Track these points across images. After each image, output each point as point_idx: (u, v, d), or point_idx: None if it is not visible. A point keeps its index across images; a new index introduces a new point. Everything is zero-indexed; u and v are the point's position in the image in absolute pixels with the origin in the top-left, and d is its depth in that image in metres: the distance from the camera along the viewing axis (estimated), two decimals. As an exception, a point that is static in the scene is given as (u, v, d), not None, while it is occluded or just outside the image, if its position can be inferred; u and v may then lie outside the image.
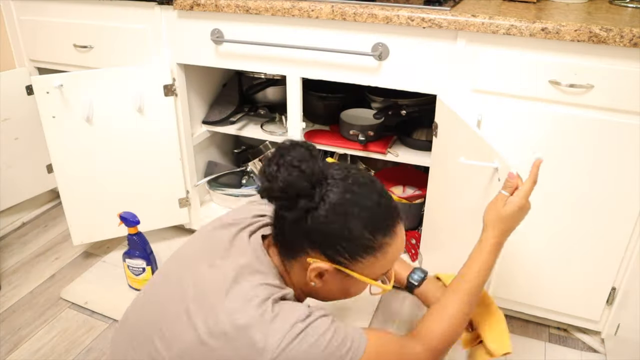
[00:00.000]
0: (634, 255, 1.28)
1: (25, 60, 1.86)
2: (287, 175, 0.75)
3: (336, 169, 0.81)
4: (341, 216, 0.77)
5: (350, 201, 0.77)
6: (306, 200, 0.76)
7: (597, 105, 1.17)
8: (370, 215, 0.78)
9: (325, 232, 0.77)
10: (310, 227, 0.78)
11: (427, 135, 1.64)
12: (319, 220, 0.77)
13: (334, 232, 0.77)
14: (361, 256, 0.80)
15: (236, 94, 1.85)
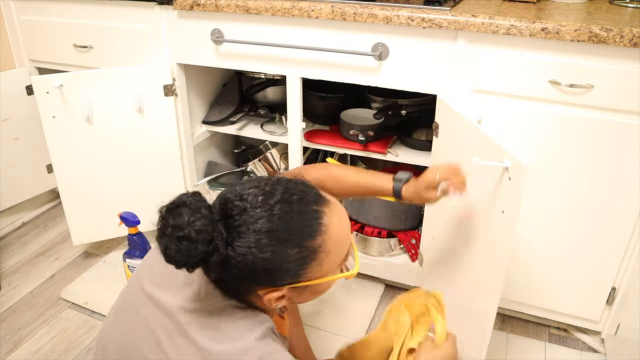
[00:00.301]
0: (634, 255, 1.28)
1: (25, 60, 1.86)
2: (178, 249, 0.69)
3: (230, 198, 0.74)
4: (258, 253, 0.71)
5: (255, 233, 0.71)
6: (214, 256, 0.70)
7: (597, 105, 1.17)
8: (284, 234, 0.71)
9: (253, 271, 0.72)
10: (237, 274, 0.72)
11: (427, 135, 1.64)
12: (239, 265, 0.71)
13: (260, 267, 0.71)
14: (303, 268, 0.74)
15: (236, 94, 1.85)
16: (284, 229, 0.71)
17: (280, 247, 0.71)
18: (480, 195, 1.15)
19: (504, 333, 1.51)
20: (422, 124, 1.66)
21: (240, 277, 0.73)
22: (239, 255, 0.71)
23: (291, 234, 0.71)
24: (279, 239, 0.71)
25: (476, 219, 1.16)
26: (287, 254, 0.72)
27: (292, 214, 0.72)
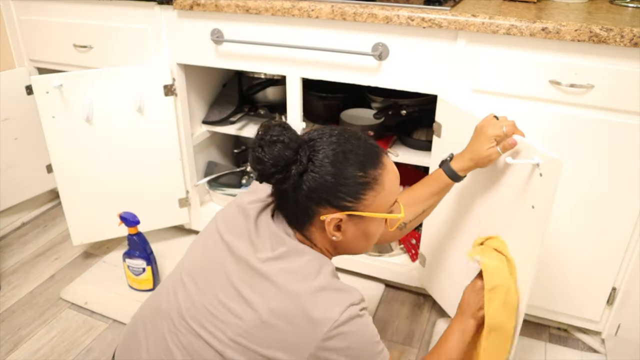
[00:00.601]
0: (634, 255, 1.28)
1: (25, 60, 1.86)
2: (271, 151, 0.82)
3: (312, 132, 0.89)
4: (330, 167, 0.83)
5: (332, 151, 0.84)
6: (296, 165, 0.83)
7: (597, 105, 1.17)
8: (354, 156, 0.85)
9: (323, 186, 0.84)
10: (309, 188, 0.84)
11: (427, 135, 1.64)
12: (313, 178, 0.83)
13: (330, 183, 0.84)
14: (362, 194, 0.85)
15: (236, 94, 1.85)
16: (355, 154, 0.85)
17: (348, 165, 0.84)
18: (505, 193, 1.13)
19: (504, 333, 1.51)
20: (422, 124, 1.66)
21: (308, 195, 0.84)
22: (315, 168, 0.83)
23: (358, 157, 0.85)
24: (348, 158, 0.84)
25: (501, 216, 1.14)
26: (353, 173, 0.84)
27: (362, 146, 0.87)
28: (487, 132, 1.04)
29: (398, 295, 1.66)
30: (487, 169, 1.14)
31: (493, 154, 1.04)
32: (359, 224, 0.89)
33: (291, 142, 0.83)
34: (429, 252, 1.49)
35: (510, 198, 1.11)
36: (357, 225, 0.89)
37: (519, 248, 1.10)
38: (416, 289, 1.65)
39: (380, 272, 1.64)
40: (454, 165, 1.09)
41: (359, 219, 0.88)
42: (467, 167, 1.09)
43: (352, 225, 0.88)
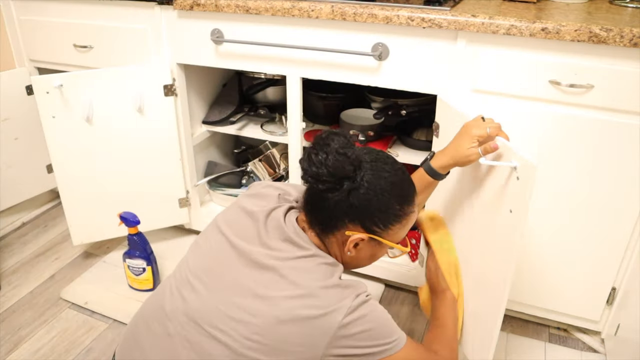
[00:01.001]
0: (634, 255, 1.28)
1: (25, 60, 1.86)
2: (334, 161, 0.86)
3: (366, 152, 0.93)
4: (377, 193, 0.90)
5: (384, 179, 0.90)
6: (350, 182, 0.89)
7: (597, 105, 1.17)
8: (398, 190, 0.92)
9: (365, 207, 0.90)
10: (352, 204, 0.89)
11: (427, 135, 1.64)
12: (359, 198, 0.89)
13: (371, 207, 0.90)
14: (392, 224, 0.93)
15: (236, 94, 1.85)
16: (399, 188, 0.92)
17: (392, 198, 0.91)
18: (486, 195, 1.14)
19: (504, 333, 1.51)
20: (422, 124, 1.66)
21: (347, 210, 0.90)
22: (364, 189, 0.89)
23: (401, 193, 0.93)
24: (394, 193, 0.91)
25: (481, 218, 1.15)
26: (394, 206, 0.92)
27: (406, 181, 0.95)
28: (471, 131, 1.05)
29: (398, 295, 1.66)
30: (472, 172, 1.15)
31: (473, 154, 1.04)
32: (374, 247, 0.96)
33: (354, 159, 0.88)
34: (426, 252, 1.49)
35: (491, 201, 1.12)
36: (372, 248, 0.96)
37: (499, 251, 1.11)
38: (416, 289, 1.65)
39: (380, 272, 1.64)
40: (434, 164, 1.10)
41: (376, 243, 0.95)
42: (447, 164, 1.09)
43: (368, 247, 0.96)
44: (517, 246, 1.04)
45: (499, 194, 1.09)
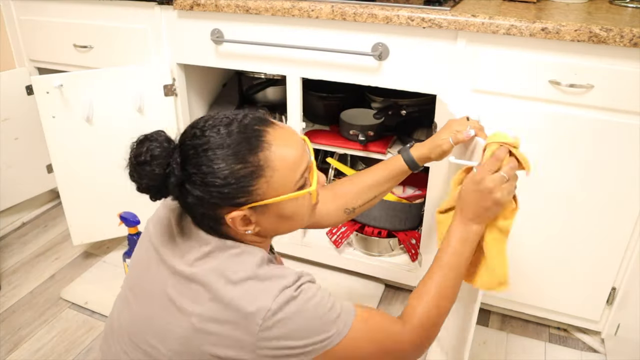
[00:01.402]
0: (634, 255, 1.28)
1: (25, 60, 1.86)
2: (141, 173, 0.80)
3: (187, 131, 0.82)
4: (206, 169, 0.77)
5: (204, 152, 0.78)
6: (171, 178, 0.78)
7: (597, 105, 1.17)
8: (224, 151, 0.77)
9: (209, 189, 0.77)
10: (197, 197, 0.79)
11: (427, 135, 1.64)
12: (195, 188, 0.78)
13: (213, 185, 0.77)
14: (252, 185, 0.78)
15: (236, 94, 1.85)
16: (226, 146, 0.77)
17: (225, 163, 0.77)
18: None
19: (504, 333, 1.51)
20: (422, 124, 1.66)
21: (200, 202, 0.79)
22: (192, 176, 0.78)
23: (233, 149, 0.77)
24: (223, 155, 0.77)
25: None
26: (233, 169, 0.77)
27: (233, 133, 0.78)
28: (451, 125, 1.06)
29: (398, 295, 1.66)
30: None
31: (445, 143, 1.04)
32: (267, 211, 0.81)
33: (158, 157, 0.79)
34: (426, 252, 1.49)
35: None
36: (266, 213, 0.81)
37: None
38: (416, 289, 1.65)
39: (380, 272, 1.64)
40: (413, 152, 1.10)
41: (264, 208, 0.80)
42: (423, 155, 1.08)
43: (261, 215, 0.81)
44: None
45: None
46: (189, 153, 0.78)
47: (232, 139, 0.78)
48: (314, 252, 1.72)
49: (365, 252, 1.68)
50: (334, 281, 1.71)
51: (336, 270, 1.75)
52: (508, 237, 0.93)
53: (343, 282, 1.71)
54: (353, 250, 1.70)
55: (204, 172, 0.77)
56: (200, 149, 0.78)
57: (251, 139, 0.78)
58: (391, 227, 1.62)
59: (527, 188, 1.31)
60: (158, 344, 0.81)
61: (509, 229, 0.92)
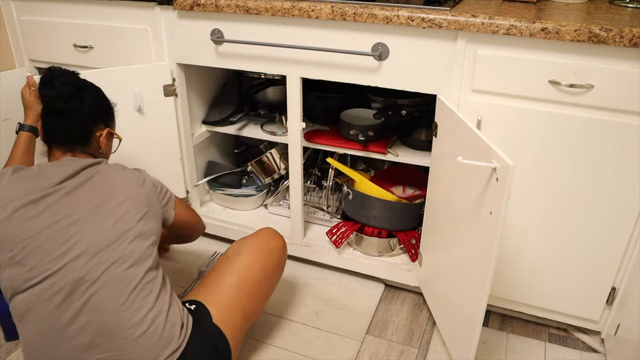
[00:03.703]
0: (634, 255, 1.28)
1: (25, 60, 1.86)
2: (69, 89, 1.19)
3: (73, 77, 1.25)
4: (99, 99, 1.26)
5: (96, 89, 1.26)
6: (79, 99, 1.19)
7: (597, 106, 1.17)
8: (103, 94, 1.29)
9: (100, 111, 1.24)
10: (89, 114, 1.21)
11: (427, 135, 1.64)
12: (89, 102, 1.21)
13: (104, 108, 1.26)
14: (113, 119, 1.30)
15: (236, 94, 1.85)
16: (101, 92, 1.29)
17: (106, 99, 1.28)
18: (472, 196, 1.15)
19: (504, 333, 1.51)
20: (422, 124, 1.66)
21: (90, 119, 1.22)
22: (89, 101, 1.22)
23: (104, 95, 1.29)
24: (104, 95, 1.29)
25: (469, 218, 1.16)
26: (109, 104, 1.29)
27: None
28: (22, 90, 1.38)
29: (398, 295, 1.66)
30: (458, 176, 1.19)
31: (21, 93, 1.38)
32: (109, 137, 1.28)
33: (75, 83, 1.23)
34: (426, 252, 1.50)
35: (472, 203, 1.13)
36: (109, 138, 1.27)
37: (480, 252, 1.13)
38: (416, 289, 1.65)
39: (380, 272, 1.64)
40: (28, 123, 1.36)
41: (110, 134, 1.27)
42: (31, 117, 1.35)
43: (108, 138, 1.27)
44: (497, 247, 1.05)
45: (480, 196, 1.10)
46: (89, 87, 1.28)
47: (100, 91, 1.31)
48: (314, 252, 1.72)
49: (365, 252, 1.68)
50: (334, 281, 1.72)
51: (336, 270, 1.75)
52: None
53: (343, 282, 1.71)
54: (353, 250, 1.70)
55: (99, 99, 1.29)
56: (88, 85, 1.28)
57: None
58: (391, 227, 1.62)
59: (527, 188, 1.32)
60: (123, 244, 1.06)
61: None
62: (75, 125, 1.19)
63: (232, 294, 1.23)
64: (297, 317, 1.57)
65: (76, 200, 1.06)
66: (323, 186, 1.81)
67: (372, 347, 1.46)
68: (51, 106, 1.18)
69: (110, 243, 1.04)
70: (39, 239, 1.00)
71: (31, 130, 1.36)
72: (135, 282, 1.03)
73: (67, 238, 1.01)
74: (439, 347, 1.46)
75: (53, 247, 1.00)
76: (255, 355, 1.42)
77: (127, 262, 1.04)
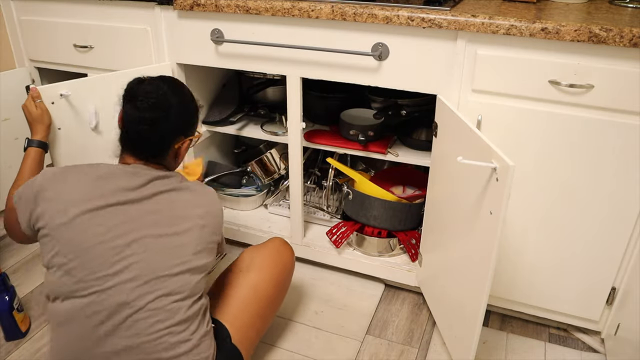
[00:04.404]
0: (634, 255, 1.28)
1: (25, 60, 1.86)
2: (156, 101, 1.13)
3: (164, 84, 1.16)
4: (189, 105, 1.19)
5: (185, 95, 1.20)
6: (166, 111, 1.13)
7: (597, 106, 1.17)
8: (192, 97, 1.23)
9: (183, 124, 1.17)
10: (172, 130, 1.14)
11: (427, 135, 1.64)
12: (174, 120, 1.14)
13: (188, 118, 1.19)
14: (196, 126, 1.23)
15: (236, 94, 1.85)
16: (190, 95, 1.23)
17: (195, 105, 1.23)
18: (472, 196, 1.15)
19: (504, 333, 1.51)
20: (422, 124, 1.66)
21: (172, 132, 1.15)
22: (173, 115, 1.14)
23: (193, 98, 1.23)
24: (193, 101, 1.23)
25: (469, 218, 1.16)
26: (198, 112, 1.24)
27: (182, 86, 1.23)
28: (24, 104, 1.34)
29: (398, 295, 1.66)
30: (458, 176, 1.19)
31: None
32: (187, 148, 1.23)
33: (162, 95, 1.14)
34: (426, 252, 1.50)
35: (472, 203, 1.14)
36: (186, 149, 1.22)
37: (480, 251, 1.13)
38: (416, 289, 1.65)
39: (380, 272, 1.64)
40: (37, 138, 1.34)
41: (189, 143, 1.22)
42: (40, 131, 1.34)
43: (186, 148, 1.22)
44: (497, 247, 1.05)
45: (480, 196, 1.10)
46: (177, 97, 1.19)
47: (185, 89, 1.25)
48: (314, 252, 1.72)
49: (365, 252, 1.68)
50: (334, 281, 1.71)
51: (336, 270, 1.75)
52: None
53: (343, 282, 1.71)
54: (353, 250, 1.70)
55: (185, 112, 1.21)
56: (182, 93, 1.23)
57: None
58: (391, 227, 1.62)
59: (527, 188, 1.32)
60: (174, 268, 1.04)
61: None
62: (155, 142, 1.13)
63: (248, 311, 1.23)
64: (297, 317, 1.57)
65: (139, 217, 1.03)
66: (323, 186, 1.81)
67: (372, 347, 1.46)
68: (133, 127, 1.11)
69: (164, 273, 1.01)
70: (93, 252, 0.98)
71: (40, 145, 1.33)
72: (179, 316, 1.02)
73: (122, 257, 0.99)
74: (439, 347, 1.46)
75: (105, 264, 0.98)
76: (255, 355, 1.42)
77: (176, 296, 1.02)
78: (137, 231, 1.01)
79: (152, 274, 1.00)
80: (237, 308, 1.22)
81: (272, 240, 1.42)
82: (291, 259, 1.40)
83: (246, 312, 1.22)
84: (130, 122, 1.11)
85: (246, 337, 1.20)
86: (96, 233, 0.99)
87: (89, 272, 0.98)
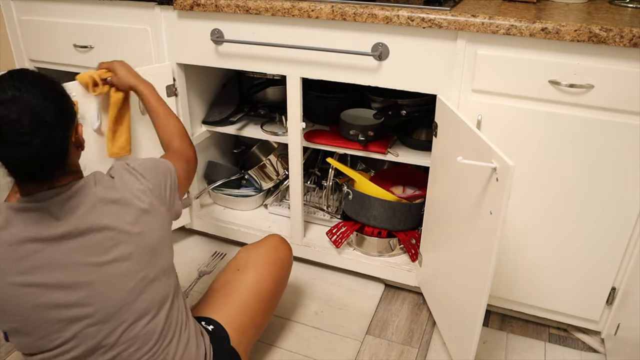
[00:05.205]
0: (634, 255, 1.28)
1: (25, 60, 1.86)
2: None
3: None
4: (60, 106, 0.91)
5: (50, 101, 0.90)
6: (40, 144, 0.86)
7: (597, 106, 1.17)
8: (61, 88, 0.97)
9: (67, 120, 0.92)
10: (61, 138, 0.90)
11: (427, 135, 1.64)
12: (60, 131, 0.90)
13: (68, 111, 0.93)
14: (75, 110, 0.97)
15: (236, 94, 1.85)
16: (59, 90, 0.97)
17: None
18: (472, 196, 1.15)
19: (504, 333, 1.51)
20: (422, 124, 1.66)
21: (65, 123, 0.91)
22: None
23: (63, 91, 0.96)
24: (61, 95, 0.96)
25: (469, 218, 1.16)
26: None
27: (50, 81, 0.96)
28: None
29: (398, 295, 1.66)
30: (458, 176, 1.19)
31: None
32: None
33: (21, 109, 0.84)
34: (426, 252, 1.50)
35: (472, 203, 1.14)
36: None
37: (481, 252, 1.13)
38: (416, 289, 1.65)
39: (381, 272, 1.64)
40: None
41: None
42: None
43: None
44: (497, 247, 1.05)
45: (480, 196, 1.10)
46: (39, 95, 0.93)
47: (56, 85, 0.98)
48: (314, 252, 1.72)
49: (365, 252, 1.68)
50: (334, 281, 1.71)
51: (336, 270, 1.75)
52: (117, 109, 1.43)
53: (343, 282, 1.71)
54: (353, 250, 1.70)
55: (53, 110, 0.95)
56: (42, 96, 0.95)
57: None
58: (391, 227, 1.62)
59: (527, 188, 1.32)
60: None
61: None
62: (48, 157, 0.89)
63: (246, 311, 1.22)
64: (297, 317, 1.57)
65: (68, 254, 0.91)
66: (323, 186, 1.81)
67: (372, 347, 1.46)
68: (20, 166, 0.88)
69: (122, 303, 0.94)
70: (38, 311, 0.90)
71: None
72: (156, 335, 0.99)
73: (71, 303, 0.91)
74: (439, 347, 1.46)
75: (57, 318, 0.91)
76: (255, 355, 1.42)
77: (147, 317, 0.97)
78: (74, 272, 0.91)
79: (109, 310, 0.93)
80: (235, 308, 1.21)
81: (269, 237, 1.41)
82: (289, 256, 1.39)
83: (245, 312, 1.22)
84: (14, 163, 0.87)
85: (245, 337, 1.19)
86: (36, 290, 0.89)
87: (44, 328, 0.91)
